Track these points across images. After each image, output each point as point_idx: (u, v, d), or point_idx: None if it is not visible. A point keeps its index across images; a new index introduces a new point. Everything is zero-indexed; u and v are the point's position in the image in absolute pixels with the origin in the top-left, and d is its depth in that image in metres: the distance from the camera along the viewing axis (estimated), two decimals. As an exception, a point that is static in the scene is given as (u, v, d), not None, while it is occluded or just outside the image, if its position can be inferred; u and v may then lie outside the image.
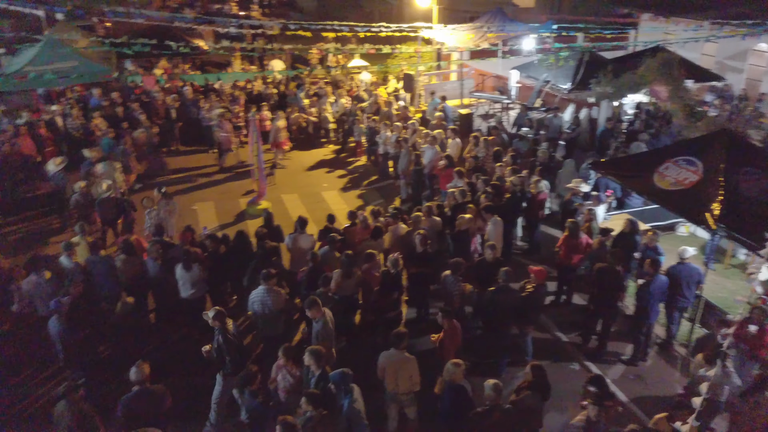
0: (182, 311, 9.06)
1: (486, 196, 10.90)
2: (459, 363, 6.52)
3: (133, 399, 6.17)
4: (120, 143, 14.26)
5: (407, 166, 13.68)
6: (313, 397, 5.85)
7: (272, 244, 9.32)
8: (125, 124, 15.96)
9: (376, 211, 10.33)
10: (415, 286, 9.78)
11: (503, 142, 14.38)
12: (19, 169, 13.64)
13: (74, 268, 8.68)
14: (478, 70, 21.56)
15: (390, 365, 6.91)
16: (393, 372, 6.90)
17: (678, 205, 9.30)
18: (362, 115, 17.14)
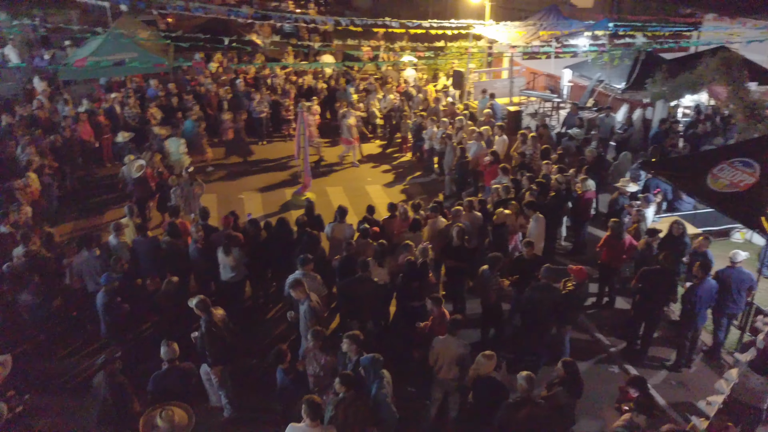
0: (222, 294, 9.29)
1: (530, 193, 10.73)
2: (491, 355, 6.46)
3: (164, 376, 6.38)
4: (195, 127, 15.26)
5: (452, 161, 13.59)
6: (347, 378, 5.89)
7: (313, 232, 9.43)
8: (179, 114, 16.48)
9: (417, 204, 10.31)
10: (451, 280, 9.74)
11: (551, 141, 14.11)
12: (78, 154, 14.21)
13: (121, 248, 9.02)
14: (529, 69, 21.20)
15: (444, 351, 6.98)
16: (446, 358, 6.98)
17: (731, 208, 8.93)
18: (409, 111, 17.13)
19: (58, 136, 13.53)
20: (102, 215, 13.10)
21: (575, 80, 18.48)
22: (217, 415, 7.54)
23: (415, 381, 7.95)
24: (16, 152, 12.65)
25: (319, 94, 19.21)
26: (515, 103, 19.17)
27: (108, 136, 15.67)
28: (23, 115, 14.81)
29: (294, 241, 9.39)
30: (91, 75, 18.98)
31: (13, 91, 19.41)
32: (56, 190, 12.59)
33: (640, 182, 11.89)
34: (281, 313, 9.73)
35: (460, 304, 9.76)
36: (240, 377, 7.93)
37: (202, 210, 9.75)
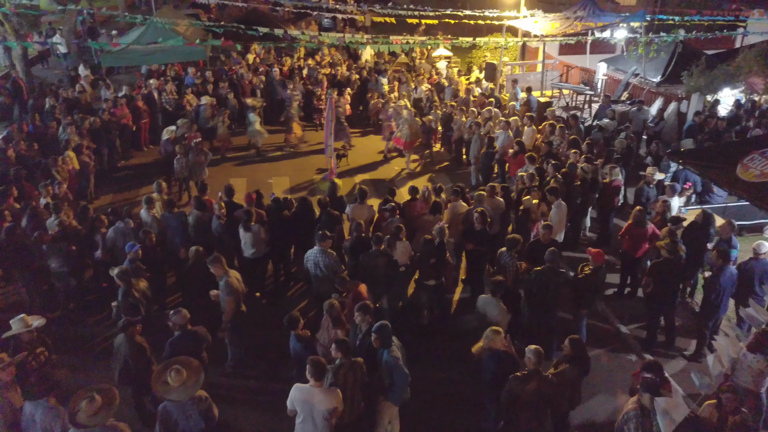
0: (244, 270, 9.53)
1: (555, 181, 10.67)
2: (499, 330, 6.49)
3: (178, 340, 6.62)
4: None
5: (478, 150, 13.58)
6: (343, 344, 6.01)
7: (333, 212, 9.59)
8: (214, 101, 16.90)
9: (438, 188, 10.36)
10: (471, 264, 9.76)
11: (579, 132, 13.95)
12: (115, 137, 14.73)
13: (151, 221, 9.36)
14: (563, 62, 20.99)
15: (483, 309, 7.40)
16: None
17: (761, 198, 8.70)
18: (439, 102, 17.16)
19: (97, 119, 14.05)
20: (136, 194, 13.55)
21: (610, 74, 18.24)
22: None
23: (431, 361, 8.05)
24: (57, 132, 13.19)
25: (352, 85, 19.43)
26: (547, 96, 18.97)
27: (146, 121, 16.23)
28: (66, 98, 15.42)
29: (315, 220, 9.56)
30: (132, 62, 19.67)
31: (59, 77, 20.22)
32: (93, 169, 13.05)
33: (669, 173, 11.67)
34: (302, 291, 9.94)
35: (479, 290, 9.78)
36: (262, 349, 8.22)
37: (227, 188, 10.02)
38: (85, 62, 20.45)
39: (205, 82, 17.87)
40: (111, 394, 5.41)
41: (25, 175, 11.03)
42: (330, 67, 21.17)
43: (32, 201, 9.85)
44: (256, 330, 8.91)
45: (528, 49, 23.08)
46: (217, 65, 21.68)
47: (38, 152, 12.52)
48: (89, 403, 5.20)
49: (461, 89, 18.05)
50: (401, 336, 6.73)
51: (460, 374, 7.94)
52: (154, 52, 18.15)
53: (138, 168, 15.31)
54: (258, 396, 7.78)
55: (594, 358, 8.37)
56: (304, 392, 5.60)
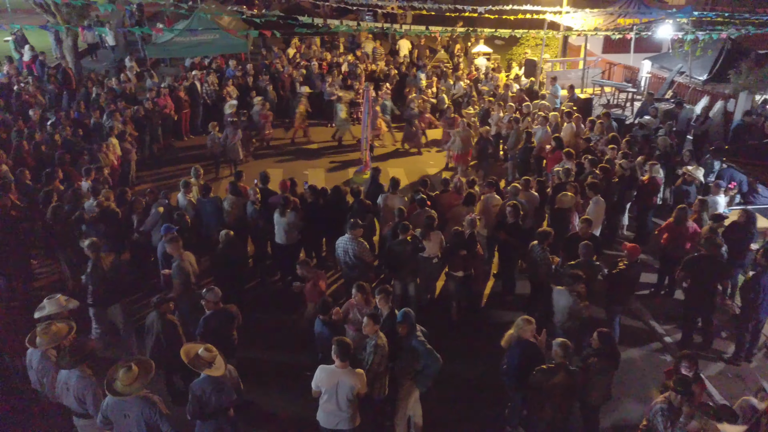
0: (277, 256, 9.67)
1: (592, 177, 10.47)
2: (530, 320, 6.42)
3: (210, 318, 6.75)
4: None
5: (515, 145, 13.43)
6: (375, 317, 6.10)
7: (365, 201, 9.62)
8: (253, 93, 17.15)
9: (472, 180, 10.29)
10: (502, 258, 9.67)
11: (611, 128, 13.65)
12: (157, 126, 15.09)
13: (187, 205, 9.56)
14: (605, 60, 20.56)
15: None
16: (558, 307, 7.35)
17: (808, 197, 8.39)
18: (477, 98, 17.02)
19: (140, 108, 14.42)
20: (176, 181, 13.77)
21: (655, 72, 17.80)
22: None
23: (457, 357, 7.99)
24: (101, 120, 13.59)
25: (391, 80, 19.44)
26: (588, 94, 18.61)
27: (187, 111, 16.59)
28: (111, 88, 15.89)
29: (347, 208, 9.61)
30: (176, 54, 20.12)
31: (106, 68, 20.81)
32: (134, 156, 13.40)
33: (713, 172, 11.32)
34: (333, 278, 10.00)
35: (509, 284, 9.69)
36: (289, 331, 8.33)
37: (262, 174, 10.16)
38: (132, 55, 21.00)
39: (246, 75, 18.13)
40: (147, 365, 5.57)
41: (70, 160, 11.39)
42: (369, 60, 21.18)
43: (75, 184, 10.15)
44: (286, 313, 9.07)
45: (570, 47, 22.70)
46: (259, 59, 22.01)
47: (82, 138, 12.91)
48: (126, 372, 5.35)
49: (500, 85, 17.86)
50: (428, 327, 6.71)
51: (486, 366, 7.86)
52: (198, 44, 18.55)
53: (178, 156, 15.66)
54: (283, 377, 7.87)
55: (627, 357, 8.23)
56: (329, 373, 5.64)
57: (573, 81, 18.47)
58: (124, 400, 5.37)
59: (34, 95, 15.08)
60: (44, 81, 17.17)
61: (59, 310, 6.71)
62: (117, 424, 5.48)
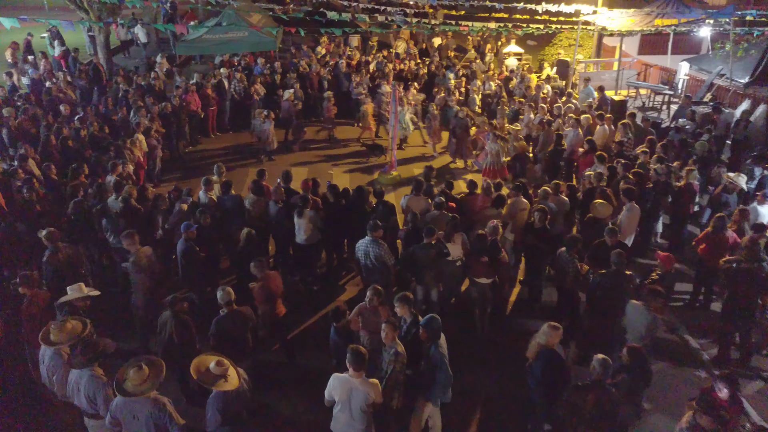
0: (298, 256, 9.50)
1: (625, 182, 10.06)
2: (557, 326, 6.12)
3: (224, 319, 6.59)
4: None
5: (545, 147, 13.06)
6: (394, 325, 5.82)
7: (389, 203, 9.39)
8: (280, 91, 17.08)
9: (499, 183, 9.97)
10: (529, 264, 9.35)
11: (638, 131, 13.15)
12: (184, 123, 15.09)
13: (207, 203, 9.46)
14: (641, 61, 19.95)
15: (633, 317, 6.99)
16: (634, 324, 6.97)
17: None
18: (507, 98, 16.65)
19: (167, 104, 14.43)
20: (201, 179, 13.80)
21: (693, 74, 17.19)
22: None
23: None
24: (128, 116, 13.62)
25: (419, 80, 19.19)
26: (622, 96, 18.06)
27: (214, 108, 16.58)
28: (140, 84, 15.96)
29: (370, 209, 9.39)
30: (205, 52, 20.17)
31: (137, 65, 20.99)
32: (160, 152, 13.40)
33: (755, 180, 10.79)
34: (352, 279, 9.80)
35: (536, 291, 9.37)
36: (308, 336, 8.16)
37: (284, 173, 10.01)
38: (163, 52, 21.14)
39: (274, 73, 18.06)
40: (158, 366, 5.43)
41: (96, 156, 11.42)
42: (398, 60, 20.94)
43: (100, 179, 10.14)
44: (304, 316, 8.91)
45: (604, 47, 22.11)
46: (288, 57, 21.96)
47: (109, 134, 12.95)
48: (137, 372, 5.23)
49: (531, 86, 17.45)
50: (449, 334, 6.45)
51: (510, 377, 7.57)
52: (227, 42, 18.52)
53: (204, 153, 15.66)
54: (299, 381, 7.68)
55: (659, 371, 7.82)
56: (343, 381, 5.43)
57: (607, 82, 17.98)
58: (134, 400, 5.24)
59: (64, 91, 15.20)
60: (75, 77, 17.34)
61: (80, 296, 6.67)
62: (126, 425, 5.35)
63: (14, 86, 15.99)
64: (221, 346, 6.41)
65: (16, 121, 12.40)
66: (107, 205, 8.99)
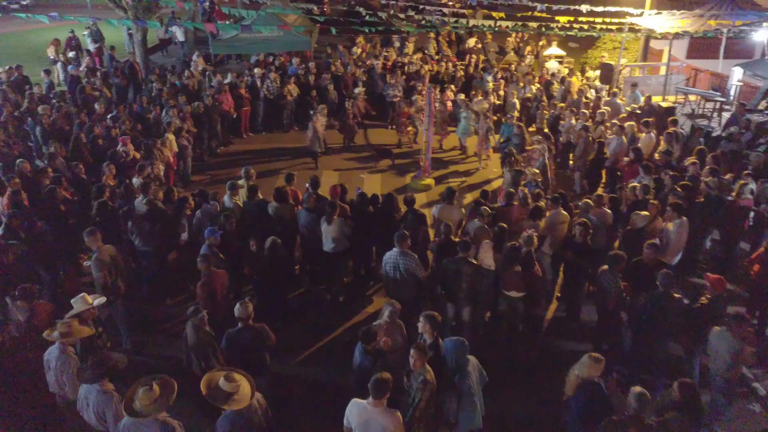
0: (324, 264, 9.17)
1: (673, 194, 9.42)
2: (599, 358, 5.61)
3: (236, 334, 6.26)
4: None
5: (586, 155, 12.44)
6: (423, 350, 5.41)
7: (419, 212, 8.97)
8: (314, 92, 16.83)
9: (537, 194, 9.46)
10: (568, 280, 8.81)
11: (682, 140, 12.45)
12: (216, 123, 14.94)
13: (233, 208, 9.19)
14: (690, 66, 19.02)
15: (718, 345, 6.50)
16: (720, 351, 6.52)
17: None
18: (548, 103, 16.03)
19: (200, 104, 14.28)
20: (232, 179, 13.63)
21: (747, 80, 16.24)
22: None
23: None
24: (160, 115, 13.52)
25: (456, 82, 18.72)
26: (670, 102, 17.21)
27: (247, 108, 16.40)
28: (173, 83, 15.89)
29: (399, 218, 8.99)
30: (240, 51, 20.10)
31: (173, 63, 21.03)
32: (190, 152, 13.26)
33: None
34: (380, 290, 9.39)
35: (575, 309, 8.82)
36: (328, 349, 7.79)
37: (312, 179, 9.68)
38: (200, 51, 21.14)
39: (308, 73, 17.81)
40: (170, 386, 5.13)
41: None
42: (435, 62, 20.48)
43: (127, 179, 9.99)
44: (328, 329, 8.57)
45: (651, 51, 21.21)
46: (323, 57, 21.74)
47: (141, 133, 12.87)
48: (146, 392, 4.95)
49: (573, 90, 16.78)
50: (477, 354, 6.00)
51: (544, 404, 7.07)
52: (262, 41, 18.40)
53: (236, 154, 15.49)
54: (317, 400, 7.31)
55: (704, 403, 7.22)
56: (361, 409, 5.03)
57: (653, 88, 17.17)
58: (141, 422, 4.96)
59: (99, 89, 15.23)
60: (112, 75, 17.40)
61: (85, 308, 6.45)
62: (133, 446, 5.07)
63: (51, 84, 16.12)
64: (233, 362, 6.10)
65: (50, 119, 12.39)
66: (133, 207, 8.79)
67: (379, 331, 6.22)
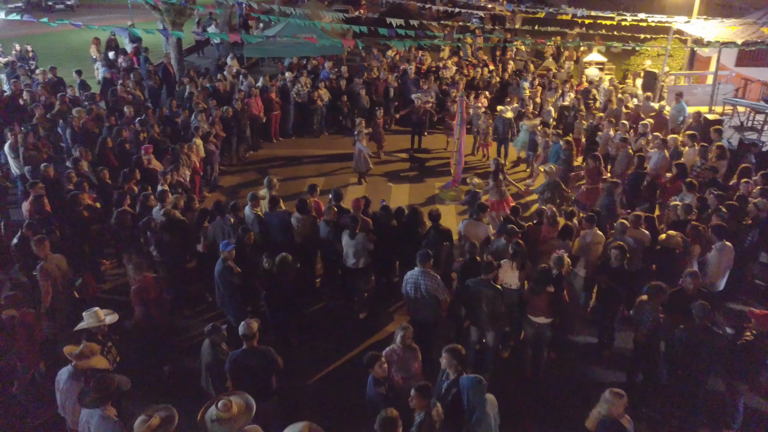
0: (344, 279, 8.86)
1: (718, 215, 8.82)
2: (620, 393, 5.17)
3: (240, 356, 5.98)
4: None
5: (624, 169, 11.84)
6: (425, 391, 5.02)
7: (444, 228, 8.58)
8: (344, 98, 16.58)
9: (570, 212, 8.98)
10: (602, 304, 8.30)
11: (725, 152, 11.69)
12: (245, 127, 14.80)
13: (253, 219, 8.97)
14: (740, 75, 18.09)
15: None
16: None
17: None
18: (586, 112, 15.40)
19: (229, 108, 14.15)
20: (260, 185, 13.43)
21: (802, 91, 15.35)
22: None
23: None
24: (189, 119, 13.43)
25: (491, 89, 18.22)
26: (717, 113, 16.38)
27: (277, 113, 16.23)
28: (204, 86, 15.83)
29: (423, 233, 8.62)
30: (272, 54, 20.05)
31: (207, 66, 21.08)
32: (218, 157, 13.13)
33: None
34: (402, 308, 9.03)
35: (607, 335, 8.31)
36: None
37: (335, 191, 9.38)
38: (234, 53, 21.15)
39: (340, 78, 17.56)
40: (170, 418, 4.91)
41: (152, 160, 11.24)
42: (471, 67, 20.00)
43: (148, 188, 9.87)
44: (344, 348, 8.25)
45: (698, 58, 20.32)
46: (357, 60, 21.51)
47: (170, 137, 12.80)
48: (142, 423, 4.73)
49: (613, 99, 16.11)
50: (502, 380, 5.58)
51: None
52: (294, 44, 18.29)
53: (265, 160, 15.34)
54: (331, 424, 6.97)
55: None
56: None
57: (699, 98, 16.38)
58: (139, 453, 4.73)
59: (131, 92, 15.26)
60: (145, 77, 17.47)
61: (97, 324, 6.29)
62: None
63: (83, 83, 16.21)
64: (238, 385, 5.86)
65: (80, 122, 12.41)
66: (152, 218, 8.63)
67: (391, 356, 5.87)
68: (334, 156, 15.26)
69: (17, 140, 11.14)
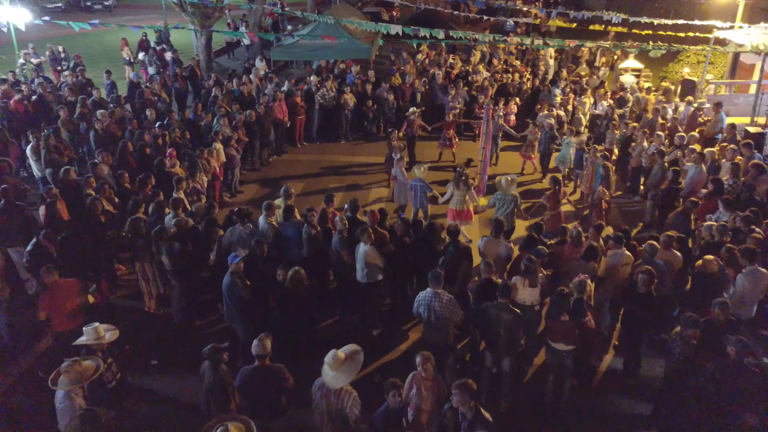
0: (357, 294, 8.58)
1: (752, 237, 8.26)
2: None
3: (250, 374, 5.78)
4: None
5: (658, 183, 11.30)
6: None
7: (463, 244, 8.23)
8: (370, 102, 16.32)
9: (599, 226, 8.52)
10: (628, 330, 7.84)
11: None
12: (268, 131, 14.64)
13: (268, 229, 8.76)
14: (786, 84, 17.19)
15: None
16: None
17: None
18: (619, 121, 14.82)
19: (252, 112, 14.02)
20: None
21: None
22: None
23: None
24: (211, 123, 13.32)
25: (522, 95, 17.74)
26: (759, 125, 15.60)
27: (302, 117, 16.04)
28: (229, 89, 15.72)
29: (443, 250, 8.29)
30: (299, 57, 19.90)
31: (233, 68, 21.07)
32: (238, 162, 12.98)
33: None
34: (417, 324, 8.70)
35: (633, 362, 7.85)
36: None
37: (351, 202, 9.12)
38: (262, 55, 21.10)
39: (365, 82, 17.30)
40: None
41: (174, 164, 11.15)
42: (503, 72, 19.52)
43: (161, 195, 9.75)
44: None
45: (741, 66, 19.46)
46: (386, 64, 21.22)
47: (192, 141, 12.70)
48: None
49: (649, 109, 15.48)
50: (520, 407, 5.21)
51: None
52: (322, 47, 18.13)
53: (288, 164, 15.17)
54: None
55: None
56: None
57: (741, 108, 15.63)
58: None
59: (158, 93, 15.25)
60: (172, 79, 17.50)
61: (95, 341, 6.13)
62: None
63: (113, 85, 16.29)
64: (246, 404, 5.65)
65: (103, 125, 12.42)
66: (164, 228, 8.48)
67: (417, 385, 5.62)
68: (358, 164, 14.98)
69: (39, 143, 11.18)
